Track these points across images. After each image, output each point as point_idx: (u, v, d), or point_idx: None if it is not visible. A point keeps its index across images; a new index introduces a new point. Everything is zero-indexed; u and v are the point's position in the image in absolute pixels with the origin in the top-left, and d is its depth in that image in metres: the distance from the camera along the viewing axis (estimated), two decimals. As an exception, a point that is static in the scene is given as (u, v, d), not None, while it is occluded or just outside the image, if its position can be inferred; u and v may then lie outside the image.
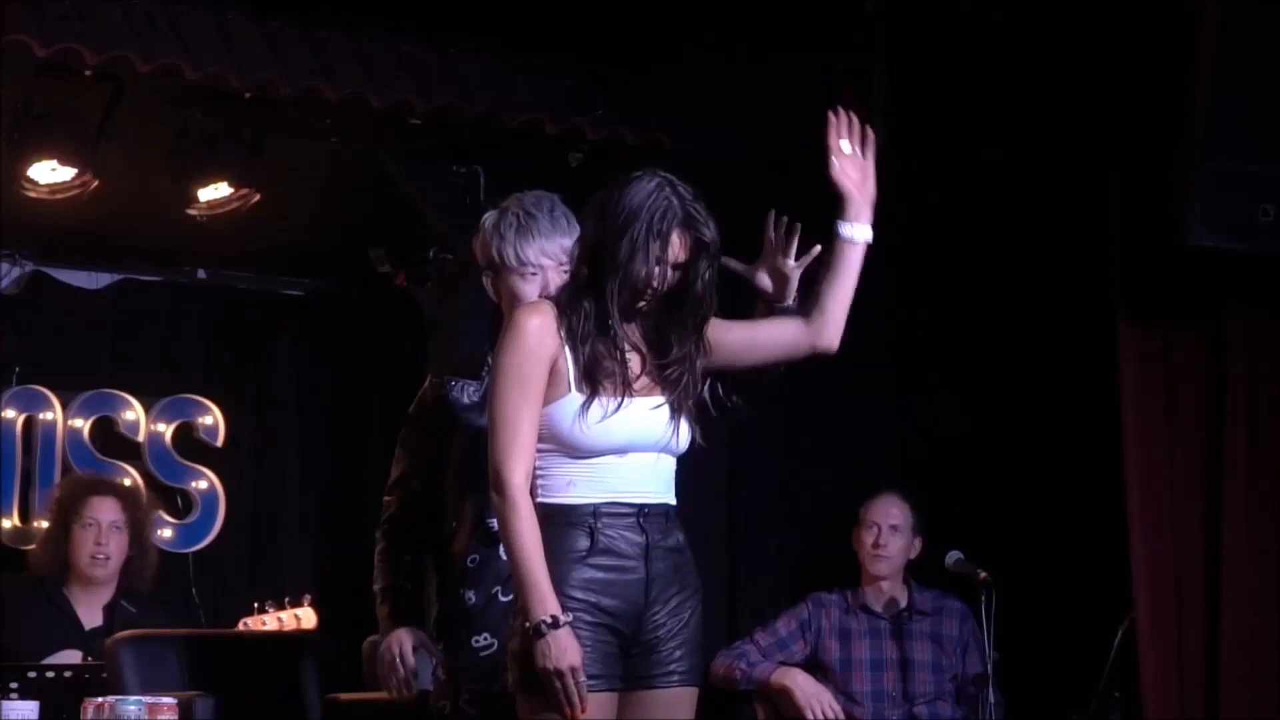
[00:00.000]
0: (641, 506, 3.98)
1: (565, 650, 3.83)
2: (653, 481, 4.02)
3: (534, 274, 4.36)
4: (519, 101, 6.51)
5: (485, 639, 4.28)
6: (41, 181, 6.32)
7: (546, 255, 4.36)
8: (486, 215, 4.45)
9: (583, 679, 3.85)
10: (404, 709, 4.50)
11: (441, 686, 4.36)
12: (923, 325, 6.82)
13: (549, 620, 3.84)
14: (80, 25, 5.87)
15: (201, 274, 7.96)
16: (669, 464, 4.06)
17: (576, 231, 4.35)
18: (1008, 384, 6.47)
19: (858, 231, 4.24)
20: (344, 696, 6.03)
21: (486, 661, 4.26)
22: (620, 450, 3.98)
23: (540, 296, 4.30)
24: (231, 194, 6.57)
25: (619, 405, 3.96)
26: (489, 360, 4.43)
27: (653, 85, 6.62)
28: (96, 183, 6.34)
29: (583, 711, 3.85)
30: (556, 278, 4.34)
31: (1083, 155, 6.05)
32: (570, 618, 3.86)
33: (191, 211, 6.62)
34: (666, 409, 4.01)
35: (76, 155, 6.25)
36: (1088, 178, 6.04)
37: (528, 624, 3.84)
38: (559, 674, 3.83)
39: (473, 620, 4.30)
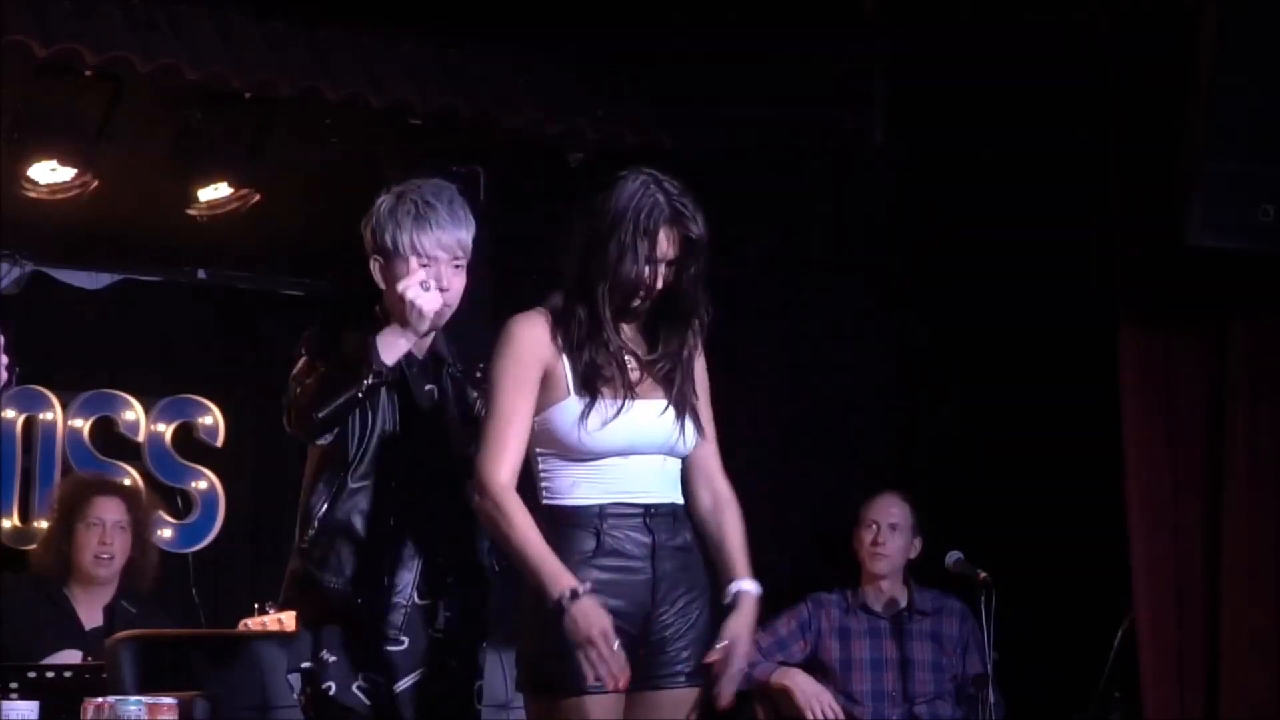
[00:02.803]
0: (648, 506, 3.98)
1: (592, 617, 3.81)
2: (659, 481, 4.02)
3: (426, 265, 4.23)
4: (519, 101, 6.51)
5: (398, 635, 4.22)
6: (41, 181, 6.32)
7: (442, 248, 4.24)
8: (381, 199, 4.31)
9: (616, 642, 3.82)
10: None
11: (328, 667, 4.22)
12: (923, 325, 6.82)
13: (569, 594, 3.82)
14: (80, 25, 5.87)
15: (201, 274, 7.96)
16: (675, 465, 4.06)
17: (473, 225, 4.29)
18: (1008, 384, 6.47)
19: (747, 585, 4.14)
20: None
21: (392, 657, 4.21)
22: (623, 452, 3.97)
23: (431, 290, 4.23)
24: (231, 194, 6.58)
25: (620, 409, 3.95)
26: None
27: (653, 85, 6.62)
28: (96, 183, 6.34)
29: (625, 678, 3.82)
30: (449, 272, 4.26)
31: (1083, 155, 6.05)
32: (590, 586, 3.85)
33: (191, 211, 6.62)
34: (671, 411, 4.00)
35: (76, 155, 6.25)
36: (1088, 178, 6.04)
37: (548, 603, 3.82)
38: (591, 641, 3.79)
39: (392, 616, 4.24)
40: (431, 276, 4.24)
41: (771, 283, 6.86)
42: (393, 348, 4.13)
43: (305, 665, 4.24)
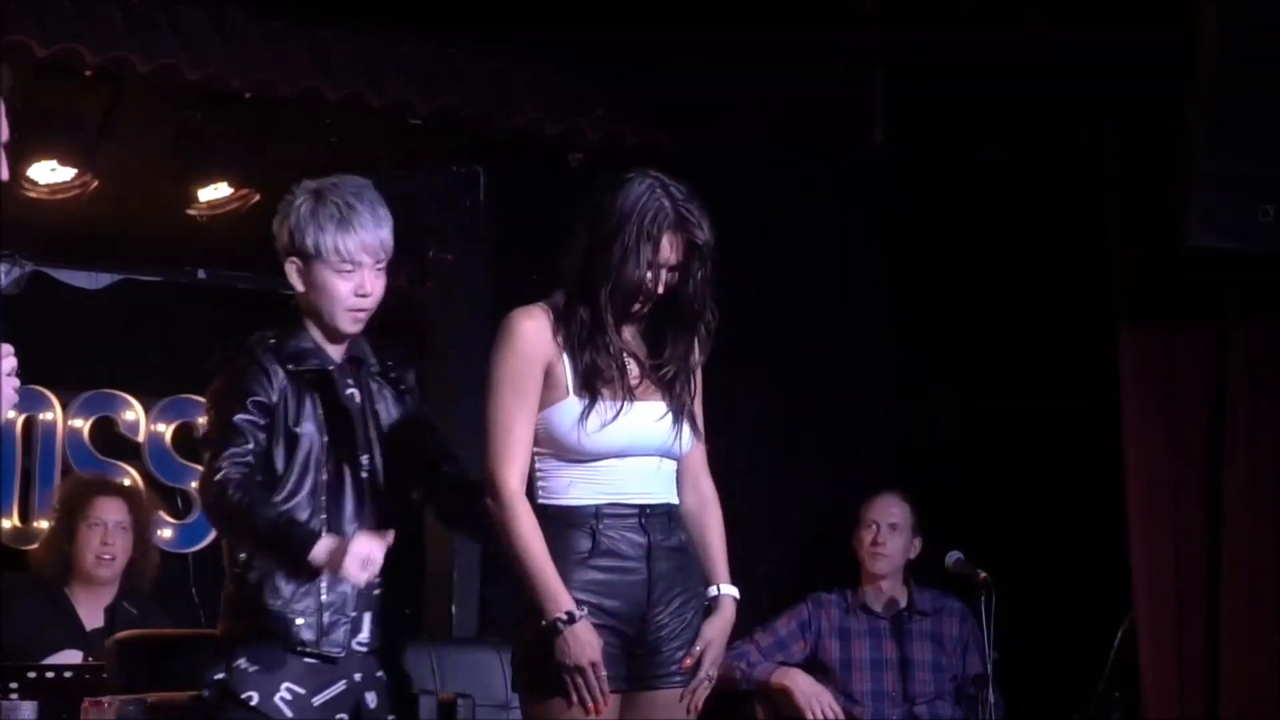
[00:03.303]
0: (644, 507, 3.98)
1: (584, 646, 3.84)
2: (654, 482, 4.02)
3: (350, 270, 4.14)
4: (519, 101, 6.50)
5: (328, 648, 4.14)
6: (41, 181, 6.32)
7: (366, 251, 4.14)
8: (299, 200, 4.21)
9: (603, 674, 3.84)
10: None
11: (249, 676, 4.12)
12: (923, 325, 6.82)
13: (564, 617, 3.84)
14: (80, 25, 5.86)
15: (201, 274, 7.95)
16: (670, 466, 4.06)
17: (391, 223, 4.18)
18: (1008, 384, 6.47)
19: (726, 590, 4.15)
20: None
21: (315, 669, 4.13)
22: (620, 454, 3.98)
23: (355, 295, 4.15)
24: (231, 194, 6.58)
25: (618, 411, 3.95)
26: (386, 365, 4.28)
27: (653, 85, 6.62)
28: (96, 183, 6.34)
29: (605, 708, 3.85)
30: (371, 276, 4.16)
31: (1083, 155, 6.05)
32: (585, 611, 3.86)
33: (191, 211, 6.62)
34: (669, 415, 4.00)
35: (76, 155, 6.25)
36: (1088, 178, 6.04)
37: (543, 622, 3.84)
38: (579, 670, 3.83)
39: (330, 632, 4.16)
40: (355, 280, 4.16)
41: (771, 283, 6.86)
42: (321, 557, 4.00)
43: (218, 676, 4.15)
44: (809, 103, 6.48)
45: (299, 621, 4.09)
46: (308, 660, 4.11)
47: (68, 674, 5.54)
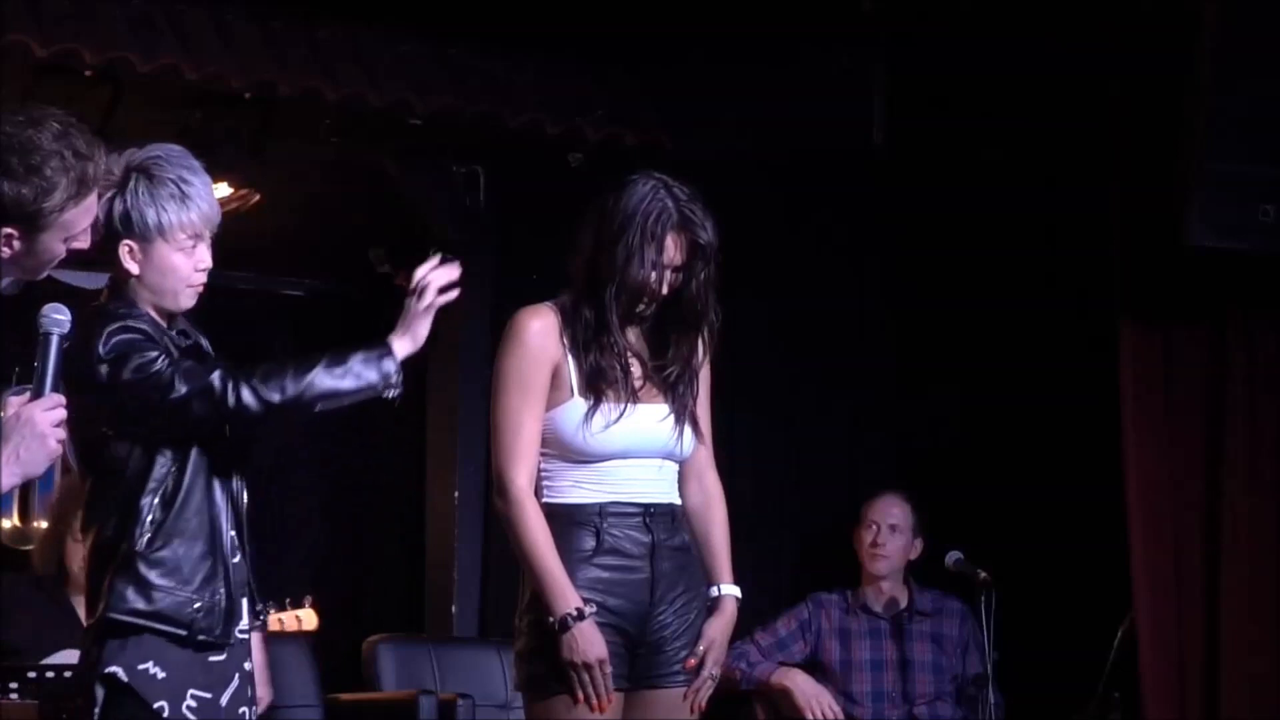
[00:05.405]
0: (647, 506, 3.99)
1: (592, 643, 3.84)
2: (657, 483, 4.02)
3: (192, 246, 3.97)
4: (519, 101, 6.51)
5: (228, 641, 3.81)
6: (41, 182, 6.30)
7: (207, 223, 3.96)
8: (131, 180, 3.94)
9: (609, 671, 3.85)
10: (404, 710, 4.48)
11: (156, 683, 3.73)
12: (923, 325, 6.82)
13: (574, 614, 3.85)
14: (80, 25, 5.86)
15: (201, 274, 7.95)
16: (672, 468, 4.06)
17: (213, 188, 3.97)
18: (1008, 384, 6.47)
19: (728, 589, 4.12)
20: (344, 696, 6.04)
21: (215, 668, 3.80)
22: (623, 455, 3.98)
23: (195, 270, 3.97)
24: (231, 194, 6.57)
25: (621, 413, 3.95)
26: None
27: (653, 85, 6.63)
28: (96, 183, 6.33)
29: (608, 705, 3.85)
30: (206, 247, 3.99)
31: (1083, 155, 6.06)
32: (594, 609, 3.86)
33: (191, 212, 6.61)
34: (671, 417, 4.01)
35: (76, 155, 6.23)
36: (1088, 178, 6.04)
37: (551, 619, 3.84)
38: (587, 667, 3.84)
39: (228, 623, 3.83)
40: (195, 256, 3.98)
41: (771, 283, 6.86)
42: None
43: (110, 670, 3.72)
44: (809, 103, 6.49)
45: (198, 610, 3.75)
46: (214, 659, 3.77)
47: (68, 674, 5.53)
